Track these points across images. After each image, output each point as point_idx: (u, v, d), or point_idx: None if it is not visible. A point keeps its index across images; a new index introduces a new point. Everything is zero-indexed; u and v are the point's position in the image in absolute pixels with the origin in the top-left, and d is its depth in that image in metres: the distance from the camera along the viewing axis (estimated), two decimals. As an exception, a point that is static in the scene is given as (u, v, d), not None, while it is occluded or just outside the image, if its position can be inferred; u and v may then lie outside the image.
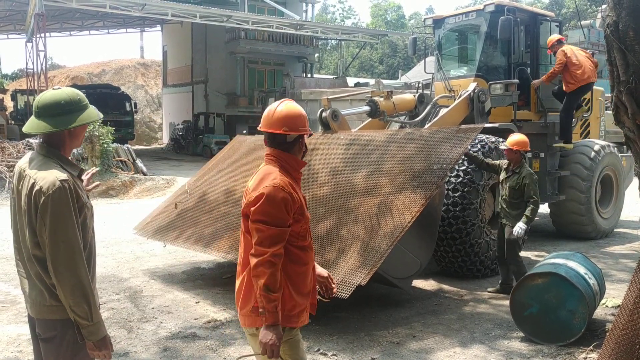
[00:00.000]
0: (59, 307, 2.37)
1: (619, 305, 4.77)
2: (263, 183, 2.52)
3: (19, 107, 29.85)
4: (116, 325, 5.21)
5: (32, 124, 2.41)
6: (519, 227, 5.89)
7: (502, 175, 6.25)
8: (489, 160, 6.52)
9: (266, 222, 2.43)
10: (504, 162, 6.35)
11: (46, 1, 19.52)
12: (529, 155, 8.20)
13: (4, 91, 33.93)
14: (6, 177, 14.14)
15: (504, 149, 6.23)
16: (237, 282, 2.66)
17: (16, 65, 70.13)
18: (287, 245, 2.53)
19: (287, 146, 2.65)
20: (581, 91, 8.70)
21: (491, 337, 4.99)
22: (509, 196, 6.07)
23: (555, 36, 8.82)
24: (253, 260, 2.44)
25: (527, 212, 5.91)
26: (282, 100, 2.74)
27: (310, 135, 2.73)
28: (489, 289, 6.40)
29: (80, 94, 2.49)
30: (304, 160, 2.76)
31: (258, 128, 2.74)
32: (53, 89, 2.47)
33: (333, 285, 2.92)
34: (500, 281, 6.36)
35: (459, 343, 4.85)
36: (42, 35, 19.80)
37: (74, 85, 28.55)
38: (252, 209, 2.47)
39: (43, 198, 2.27)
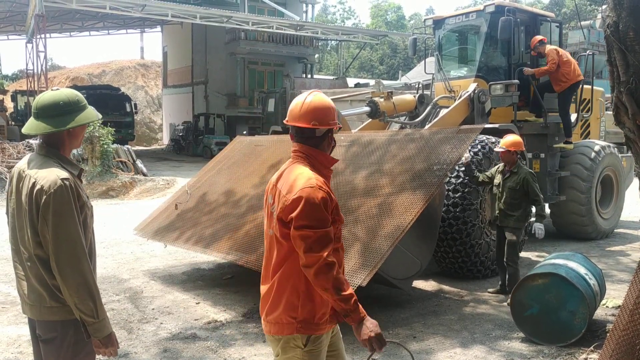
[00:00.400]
0: (59, 308, 2.38)
1: (619, 306, 4.77)
2: (298, 184, 2.34)
3: (19, 108, 29.87)
4: (116, 326, 5.21)
5: (31, 125, 2.42)
6: (538, 227, 5.93)
7: (498, 179, 6.17)
8: (482, 176, 6.36)
9: (311, 227, 2.27)
10: (495, 168, 6.32)
11: (46, 2, 19.53)
12: (529, 155, 8.21)
13: (4, 92, 33.96)
14: (6, 178, 14.14)
15: (500, 151, 6.13)
16: (264, 288, 2.52)
17: (16, 66, 70.30)
18: None
19: (315, 141, 2.48)
20: (573, 88, 8.78)
21: (491, 338, 4.99)
22: (509, 197, 5.99)
23: (537, 37, 8.83)
24: (309, 272, 2.27)
25: (539, 210, 5.96)
26: (311, 91, 2.57)
27: (340, 129, 2.58)
28: (489, 290, 6.40)
29: (79, 95, 2.49)
30: (333, 157, 2.59)
31: (284, 122, 2.57)
32: (52, 90, 2.48)
33: None
34: (500, 282, 6.36)
35: (459, 344, 4.85)
36: (42, 36, 19.81)
37: (74, 86, 28.59)
38: (293, 215, 2.29)
39: (45, 197, 2.28)
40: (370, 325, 2.30)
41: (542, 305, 4.79)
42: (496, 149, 6.38)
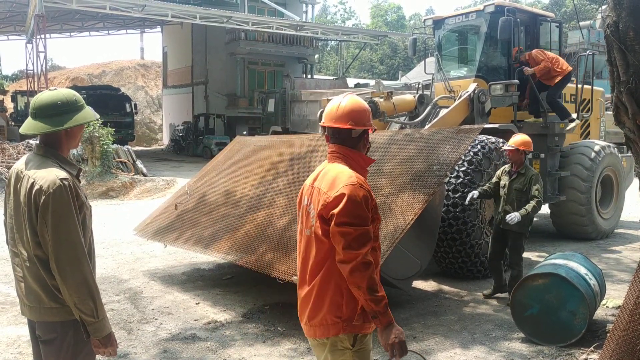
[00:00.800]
0: (59, 309, 2.38)
1: (619, 306, 4.76)
2: (340, 181, 2.36)
3: (19, 108, 29.89)
4: (116, 326, 5.20)
5: (28, 125, 2.42)
6: (515, 215, 5.60)
7: (505, 180, 5.94)
8: (489, 185, 6.13)
9: (352, 224, 2.29)
10: (501, 169, 6.13)
11: (46, 2, 19.53)
12: (529, 155, 8.20)
13: (4, 92, 33.99)
14: (6, 179, 14.13)
15: (507, 150, 5.92)
16: (303, 291, 2.48)
17: (16, 67, 70.31)
18: None
19: (352, 142, 2.51)
20: (566, 79, 8.92)
21: (491, 338, 4.98)
22: (515, 199, 5.78)
23: (514, 48, 8.92)
24: (345, 268, 2.28)
25: (528, 206, 5.65)
26: (346, 94, 2.62)
27: (374, 130, 2.62)
28: (484, 292, 6.27)
29: (76, 95, 2.50)
30: (369, 157, 2.61)
31: (320, 124, 2.60)
32: (50, 90, 2.48)
33: None
34: (493, 285, 6.24)
35: (459, 344, 4.84)
36: (42, 36, 19.82)
37: (74, 87, 28.62)
38: (334, 211, 2.31)
39: (44, 197, 2.28)
40: (397, 332, 2.29)
41: (542, 305, 4.79)
42: (504, 147, 6.19)
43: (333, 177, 2.40)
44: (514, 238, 5.89)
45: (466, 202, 6.21)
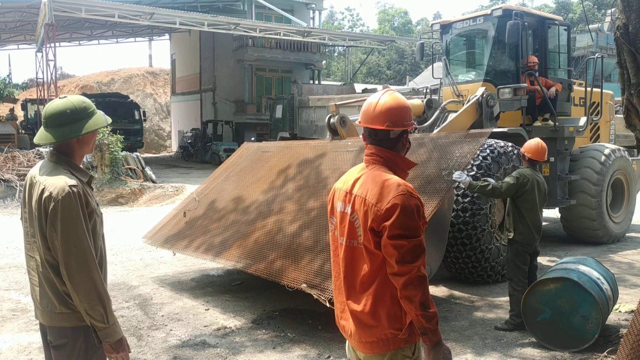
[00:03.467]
0: (70, 314, 2.39)
1: (633, 311, 4.71)
2: (389, 192, 2.19)
3: (29, 116, 30.16)
4: (126, 333, 5.20)
5: (40, 135, 2.45)
6: (461, 175, 5.27)
7: None
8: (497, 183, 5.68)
9: (406, 236, 2.14)
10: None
11: (56, 11, 19.73)
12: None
13: (15, 101, 34.24)
14: (17, 186, 14.25)
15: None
16: (354, 306, 2.30)
17: (26, 75, 70.90)
18: None
19: (390, 143, 2.34)
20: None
21: (503, 344, 4.94)
22: (510, 204, 5.45)
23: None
24: (399, 281, 2.14)
25: (483, 183, 5.40)
26: (385, 90, 2.42)
27: (415, 130, 2.50)
28: (497, 325, 5.39)
29: (86, 101, 2.50)
30: (411, 160, 2.43)
31: (357, 123, 2.47)
32: (59, 98, 2.49)
33: None
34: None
35: (470, 349, 4.81)
36: (52, 45, 20.00)
37: (83, 94, 28.73)
38: (386, 224, 2.15)
39: (53, 204, 2.29)
40: (446, 351, 2.18)
41: (554, 310, 4.75)
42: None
43: (380, 186, 2.23)
44: (508, 245, 5.54)
45: (454, 177, 5.43)
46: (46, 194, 2.32)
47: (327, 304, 4.57)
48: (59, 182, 2.34)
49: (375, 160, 2.34)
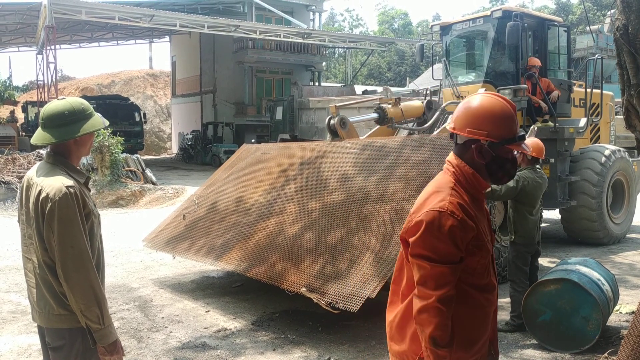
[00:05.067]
0: (67, 316, 2.39)
1: (633, 312, 4.70)
2: (427, 203, 1.96)
3: (29, 118, 30.19)
4: (126, 334, 5.21)
5: (38, 136, 2.46)
6: None
7: None
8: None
9: (429, 258, 1.89)
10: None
11: (56, 14, 19.76)
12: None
13: (15, 103, 34.32)
14: (17, 188, 14.24)
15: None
16: (390, 314, 2.15)
17: (27, 77, 70.90)
18: (458, 283, 1.95)
19: (458, 149, 2.05)
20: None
21: (504, 345, 4.93)
22: (510, 205, 5.46)
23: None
24: (416, 303, 1.92)
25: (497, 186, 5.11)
26: (485, 92, 2.10)
27: (521, 138, 2.00)
28: (497, 327, 5.53)
29: (84, 103, 2.51)
30: (481, 178, 2.04)
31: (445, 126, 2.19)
32: (58, 99, 2.50)
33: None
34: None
35: (471, 351, 4.79)
36: (52, 47, 20.03)
37: (84, 96, 28.79)
38: (411, 239, 1.95)
39: (50, 204, 2.30)
40: None
41: (555, 311, 4.74)
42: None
43: (426, 196, 2.02)
44: (509, 246, 5.51)
45: None
46: (43, 195, 2.33)
47: (327, 307, 4.57)
48: (56, 183, 2.34)
49: (446, 167, 2.10)
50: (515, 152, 2.07)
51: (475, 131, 1.96)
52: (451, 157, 2.07)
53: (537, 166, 5.45)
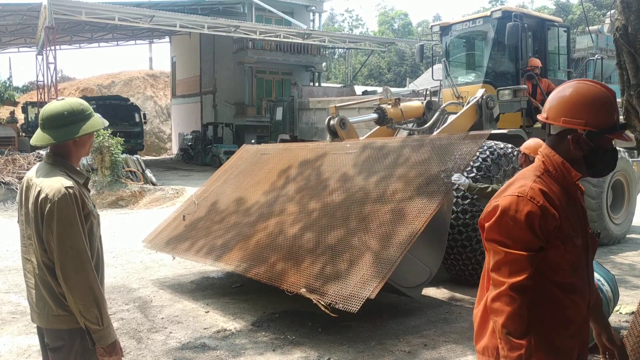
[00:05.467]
0: (66, 316, 2.39)
1: (633, 312, 4.69)
2: (508, 190, 1.90)
3: (29, 119, 30.19)
4: (126, 335, 5.21)
5: (37, 136, 2.46)
6: (460, 177, 5.26)
7: None
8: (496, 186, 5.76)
9: (503, 244, 1.84)
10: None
11: (56, 14, 19.76)
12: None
13: (15, 104, 34.35)
14: (17, 189, 14.25)
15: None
16: (476, 307, 2.11)
17: (27, 78, 70.95)
18: (540, 278, 1.85)
19: (552, 140, 1.95)
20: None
21: (503, 345, 4.93)
22: None
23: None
24: (490, 292, 1.87)
25: (482, 185, 5.41)
26: (580, 79, 2.00)
27: (623, 127, 1.89)
28: None
29: (83, 104, 2.51)
30: (572, 168, 1.91)
31: (538, 117, 2.06)
32: (57, 100, 2.50)
33: None
34: None
35: (471, 351, 4.79)
36: (52, 48, 20.04)
37: (84, 97, 28.84)
38: (487, 224, 1.91)
39: (49, 205, 2.30)
40: None
41: (554, 311, 4.73)
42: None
43: (511, 182, 1.95)
44: None
45: (452, 180, 5.46)
46: (42, 195, 2.33)
47: (326, 310, 4.57)
48: (55, 184, 2.34)
49: (536, 158, 1.99)
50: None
51: (571, 120, 1.85)
52: (544, 148, 1.97)
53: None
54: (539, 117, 2.01)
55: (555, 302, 1.89)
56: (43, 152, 16.12)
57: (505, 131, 7.94)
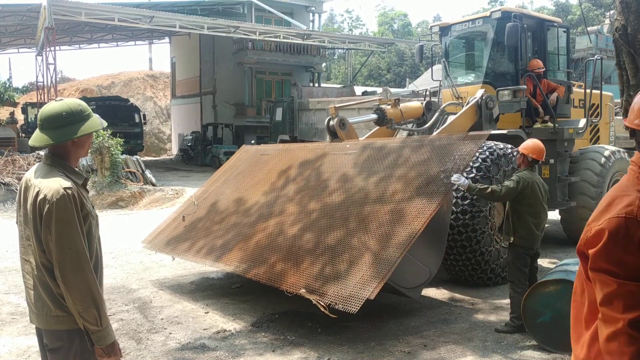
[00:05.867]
0: (65, 317, 2.39)
1: None
2: (610, 210, 1.62)
3: (29, 120, 30.17)
4: (125, 336, 5.20)
5: (36, 137, 2.46)
6: (460, 177, 5.18)
7: None
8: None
9: (614, 273, 1.56)
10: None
11: (56, 15, 19.76)
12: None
13: (15, 104, 34.29)
14: (17, 190, 14.23)
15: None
16: (578, 348, 1.79)
17: (27, 79, 70.98)
18: None
19: None
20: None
21: (503, 346, 4.93)
22: (509, 206, 5.43)
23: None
24: (602, 330, 1.59)
25: (482, 185, 5.34)
26: None
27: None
28: (497, 328, 5.39)
29: (82, 104, 2.51)
30: None
31: (624, 121, 1.86)
32: (55, 100, 2.50)
33: None
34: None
35: (471, 352, 4.79)
36: (52, 48, 20.04)
37: (84, 98, 28.86)
38: (591, 251, 1.63)
39: (47, 206, 2.30)
40: None
41: (555, 312, 4.73)
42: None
43: (610, 199, 1.68)
44: (508, 248, 5.48)
45: (452, 180, 5.35)
46: (41, 196, 2.33)
47: (325, 310, 4.56)
48: (54, 185, 2.34)
49: (630, 168, 1.76)
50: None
51: None
52: (636, 157, 1.75)
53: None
54: (625, 121, 1.80)
55: None
56: (42, 153, 16.11)
57: (504, 132, 7.93)
